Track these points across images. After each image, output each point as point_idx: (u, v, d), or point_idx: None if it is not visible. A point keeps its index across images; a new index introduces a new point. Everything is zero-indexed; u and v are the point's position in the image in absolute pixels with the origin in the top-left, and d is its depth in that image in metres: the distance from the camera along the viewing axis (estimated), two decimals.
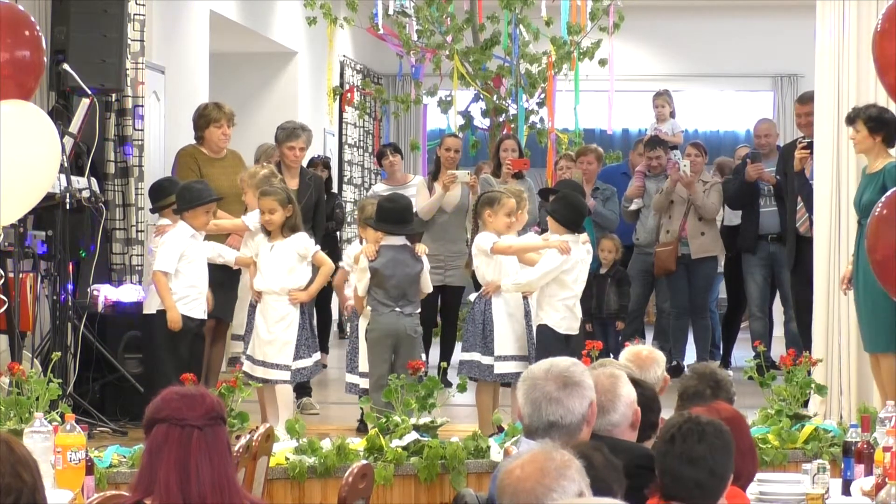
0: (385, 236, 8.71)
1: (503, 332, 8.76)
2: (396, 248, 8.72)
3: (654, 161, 12.45)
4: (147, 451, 3.67)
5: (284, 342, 8.76)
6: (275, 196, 8.83)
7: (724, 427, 4.11)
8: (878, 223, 8.35)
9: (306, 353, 8.83)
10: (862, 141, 8.72)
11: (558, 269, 8.63)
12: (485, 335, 8.78)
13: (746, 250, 12.08)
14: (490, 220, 8.82)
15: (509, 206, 8.81)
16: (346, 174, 17.11)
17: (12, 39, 7.66)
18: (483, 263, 8.85)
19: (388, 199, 9.03)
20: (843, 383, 9.22)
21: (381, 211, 8.76)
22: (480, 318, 8.80)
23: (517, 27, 13.51)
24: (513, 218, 8.86)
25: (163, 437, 3.62)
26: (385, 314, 8.64)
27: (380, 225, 8.70)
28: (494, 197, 8.91)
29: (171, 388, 3.74)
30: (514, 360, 8.72)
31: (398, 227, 8.72)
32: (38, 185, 7.72)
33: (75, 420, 5.83)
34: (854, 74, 9.29)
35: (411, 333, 8.71)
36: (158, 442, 3.63)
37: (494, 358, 8.74)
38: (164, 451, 3.61)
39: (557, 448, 3.52)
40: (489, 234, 8.81)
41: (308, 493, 7.53)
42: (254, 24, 14.35)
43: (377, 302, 8.66)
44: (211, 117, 10.03)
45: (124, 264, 10.37)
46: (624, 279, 11.80)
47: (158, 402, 3.68)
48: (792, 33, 17.19)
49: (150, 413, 3.68)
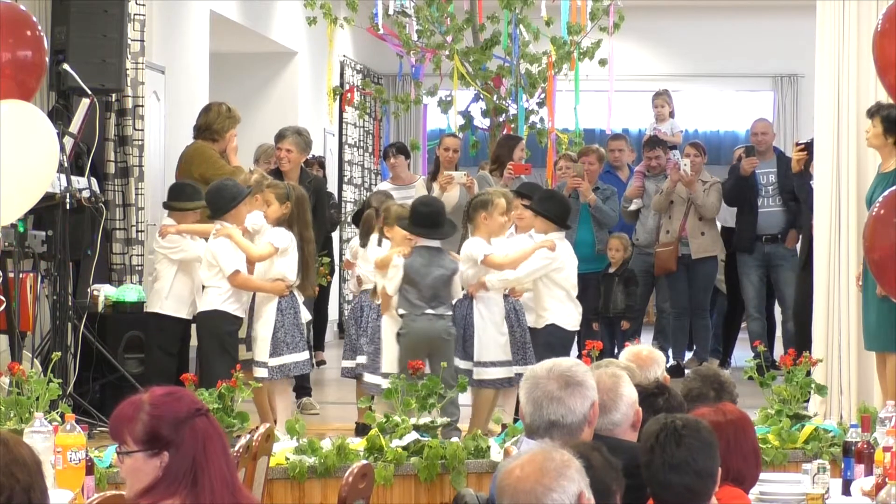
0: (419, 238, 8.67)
1: (483, 339, 8.71)
2: (432, 250, 8.68)
3: (653, 161, 12.46)
4: (187, 447, 3.51)
5: (262, 338, 8.76)
6: (273, 189, 8.88)
7: (700, 424, 4.11)
8: (875, 223, 8.36)
9: (287, 350, 8.78)
10: (875, 137, 8.76)
11: (546, 267, 8.66)
12: (464, 339, 8.74)
13: (742, 250, 12.09)
14: (486, 223, 8.80)
15: (502, 205, 8.81)
16: (347, 174, 17.11)
17: (14, 39, 7.67)
18: (469, 269, 8.80)
19: (423, 203, 8.94)
20: (843, 383, 9.22)
21: (417, 214, 8.71)
22: (461, 322, 8.76)
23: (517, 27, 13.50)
24: (506, 217, 8.86)
25: (211, 428, 3.53)
26: (418, 318, 8.54)
27: (415, 229, 8.64)
28: (486, 199, 8.89)
29: (154, 389, 3.59)
30: (494, 367, 8.69)
31: (434, 231, 8.66)
32: (36, 185, 7.72)
33: (75, 420, 5.82)
34: (854, 74, 9.30)
35: (445, 336, 8.60)
36: (209, 433, 3.53)
37: (473, 363, 8.70)
38: (215, 441, 3.53)
39: (557, 448, 3.52)
40: (480, 240, 8.77)
41: (308, 493, 7.53)
42: (254, 24, 14.35)
43: (409, 303, 8.56)
44: (236, 120, 10.02)
45: (124, 264, 10.37)
46: (632, 279, 11.80)
47: (178, 397, 3.56)
48: (792, 33, 17.19)
49: (188, 408, 3.53)
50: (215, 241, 8.74)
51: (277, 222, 8.86)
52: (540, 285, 8.79)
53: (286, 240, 8.80)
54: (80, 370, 9.03)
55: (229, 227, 8.72)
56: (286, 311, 8.80)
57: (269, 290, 8.78)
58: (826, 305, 9.33)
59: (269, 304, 8.80)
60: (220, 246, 8.70)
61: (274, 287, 8.77)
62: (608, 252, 11.73)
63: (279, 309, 8.78)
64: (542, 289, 8.76)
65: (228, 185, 8.87)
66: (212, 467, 3.51)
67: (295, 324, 8.84)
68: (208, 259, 8.77)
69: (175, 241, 9.27)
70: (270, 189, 8.90)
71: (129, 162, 10.44)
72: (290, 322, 8.80)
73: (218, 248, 8.70)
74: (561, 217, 8.84)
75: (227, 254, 8.67)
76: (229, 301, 8.70)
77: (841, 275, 9.21)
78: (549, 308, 8.73)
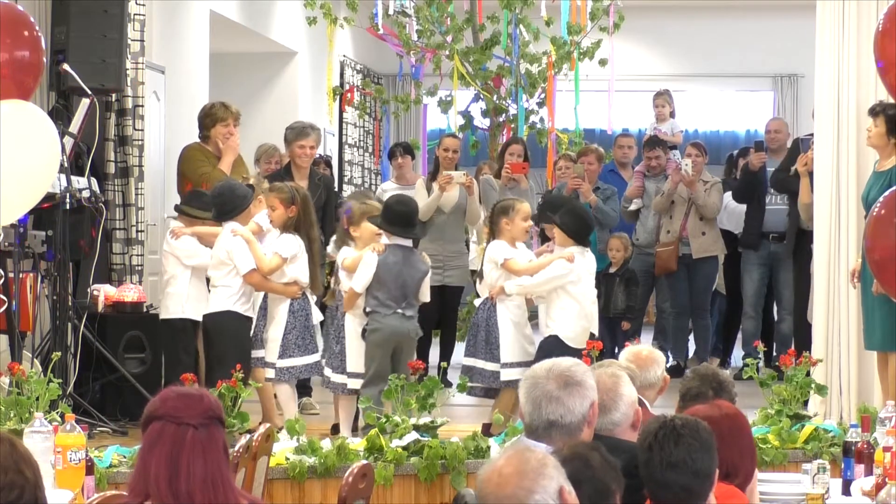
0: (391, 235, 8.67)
1: (508, 340, 8.74)
2: (405, 250, 8.69)
3: (653, 161, 12.46)
4: (141, 448, 3.68)
5: (272, 339, 8.76)
6: (278, 193, 8.83)
7: (699, 424, 4.11)
8: (876, 223, 8.36)
9: (297, 352, 8.78)
10: (878, 136, 8.74)
11: (563, 277, 8.65)
12: (489, 342, 8.76)
13: (748, 247, 12.09)
14: (508, 228, 8.82)
15: (524, 211, 8.86)
16: (347, 174, 17.12)
17: (11, 39, 7.67)
18: (493, 271, 8.84)
19: (399, 202, 8.91)
20: (843, 383, 9.22)
21: (393, 213, 8.69)
22: (485, 325, 8.79)
23: (517, 27, 13.52)
24: (529, 222, 8.89)
25: (157, 433, 3.64)
26: (388, 316, 8.59)
27: (390, 227, 8.64)
28: (508, 205, 8.93)
29: (170, 387, 3.75)
30: (519, 367, 8.70)
31: (407, 230, 8.67)
32: (37, 184, 7.72)
33: (75, 420, 5.82)
34: (854, 74, 9.30)
35: (413, 336, 8.71)
36: (152, 438, 3.64)
37: (501, 365, 8.72)
38: (157, 447, 3.62)
39: (530, 448, 3.54)
40: (503, 243, 8.81)
41: (308, 493, 7.52)
42: (254, 24, 14.35)
43: (378, 302, 8.61)
44: (218, 116, 10.00)
45: (124, 264, 10.37)
46: (633, 279, 11.79)
47: (157, 400, 3.69)
48: (792, 33, 17.21)
49: (148, 411, 3.69)
50: (231, 240, 8.68)
51: (285, 226, 8.82)
52: (552, 294, 8.77)
53: (294, 247, 8.75)
54: (80, 370, 9.02)
55: (245, 230, 8.69)
56: (298, 314, 8.79)
57: (282, 293, 8.77)
58: (826, 305, 9.33)
59: (280, 305, 8.78)
60: (236, 245, 8.67)
61: (286, 289, 8.76)
62: (608, 252, 11.73)
63: (291, 311, 8.76)
64: (554, 298, 8.75)
65: (236, 190, 8.83)
66: (150, 470, 3.63)
67: (306, 326, 8.81)
68: (221, 258, 8.71)
69: (189, 244, 9.15)
70: (274, 193, 8.84)
71: (129, 162, 10.44)
72: (301, 324, 8.79)
73: (234, 246, 8.66)
74: (579, 234, 8.80)
75: (243, 253, 8.65)
76: (240, 301, 8.68)
77: (841, 275, 9.21)
78: (555, 318, 8.71)
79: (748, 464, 4.52)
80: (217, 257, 8.75)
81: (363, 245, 8.74)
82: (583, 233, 8.84)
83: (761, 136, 13.20)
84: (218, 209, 8.82)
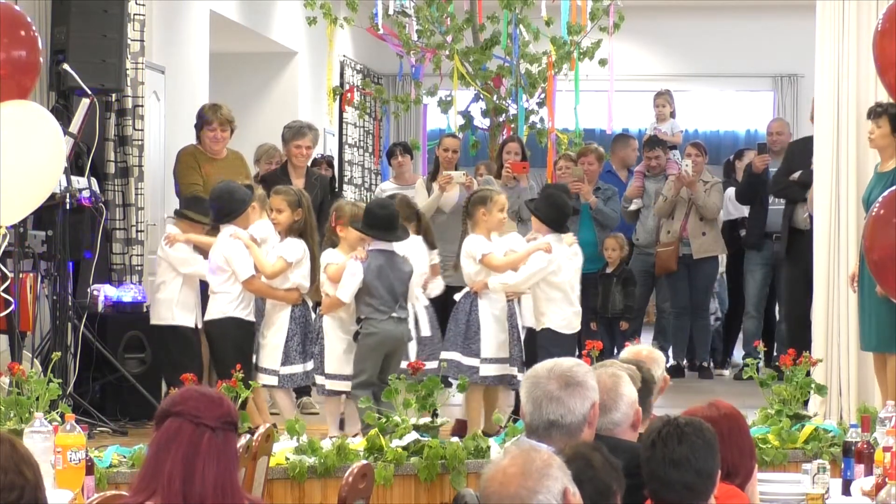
0: (372, 240, 8.60)
1: (489, 335, 8.72)
2: (387, 253, 8.62)
3: (653, 161, 12.47)
4: (154, 443, 3.63)
5: (273, 346, 8.74)
6: (284, 196, 8.79)
7: (703, 425, 4.11)
8: (875, 223, 8.36)
9: (298, 359, 8.76)
10: (881, 137, 8.73)
11: (544, 270, 8.62)
12: (468, 336, 8.73)
13: (751, 247, 12.09)
14: (485, 219, 8.79)
15: (501, 202, 8.83)
16: (347, 174, 17.11)
17: (9, 39, 7.67)
18: (470, 265, 8.81)
19: (379, 205, 8.84)
20: (843, 383, 9.22)
21: (373, 217, 8.60)
22: (465, 319, 8.76)
23: (517, 27, 13.51)
24: (505, 214, 8.87)
25: (175, 430, 3.60)
26: (383, 321, 8.53)
27: (370, 231, 8.57)
28: (486, 195, 8.89)
29: (191, 386, 3.73)
30: (496, 363, 8.69)
31: (388, 233, 8.60)
32: (42, 184, 7.72)
33: (75, 420, 5.82)
34: (854, 74, 9.29)
35: (406, 339, 8.69)
36: (169, 435, 3.60)
37: (480, 360, 8.70)
38: (174, 445, 3.58)
39: (535, 448, 3.53)
40: (480, 237, 8.77)
41: (308, 493, 7.52)
42: (254, 24, 14.35)
43: (373, 309, 8.52)
44: (204, 119, 10.01)
45: (124, 264, 10.37)
46: (630, 279, 11.79)
47: (177, 396, 3.65)
48: (792, 33, 17.20)
49: (166, 405, 3.64)
50: (229, 246, 8.63)
51: (290, 229, 8.80)
52: (536, 288, 8.75)
53: (298, 251, 8.73)
54: (80, 370, 9.02)
55: (244, 233, 8.65)
56: (299, 320, 8.78)
57: (282, 299, 8.74)
58: (826, 305, 9.33)
59: (281, 311, 8.75)
60: (235, 250, 8.63)
61: (287, 296, 8.73)
62: (604, 252, 11.72)
63: (292, 318, 8.74)
64: (538, 292, 8.73)
65: (236, 193, 8.78)
66: (165, 467, 3.59)
67: (305, 333, 8.80)
68: (219, 264, 8.66)
69: (184, 252, 9.08)
70: (281, 196, 8.80)
71: (128, 162, 10.44)
72: (301, 331, 8.78)
73: (232, 252, 8.62)
74: (554, 221, 8.76)
75: (243, 258, 8.61)
76: (241, 306, 8.66)
77: (840, 275, 9.21)
78: (545, 312, 8.70)
79: (748, 463, 4.52)
80: (215, 262, 8.71)
81: (348, 246, 8.68)
82: (558, 220, 8.79)
83: (761, 136, 13.23)
84: (216, 212, 8.79)
